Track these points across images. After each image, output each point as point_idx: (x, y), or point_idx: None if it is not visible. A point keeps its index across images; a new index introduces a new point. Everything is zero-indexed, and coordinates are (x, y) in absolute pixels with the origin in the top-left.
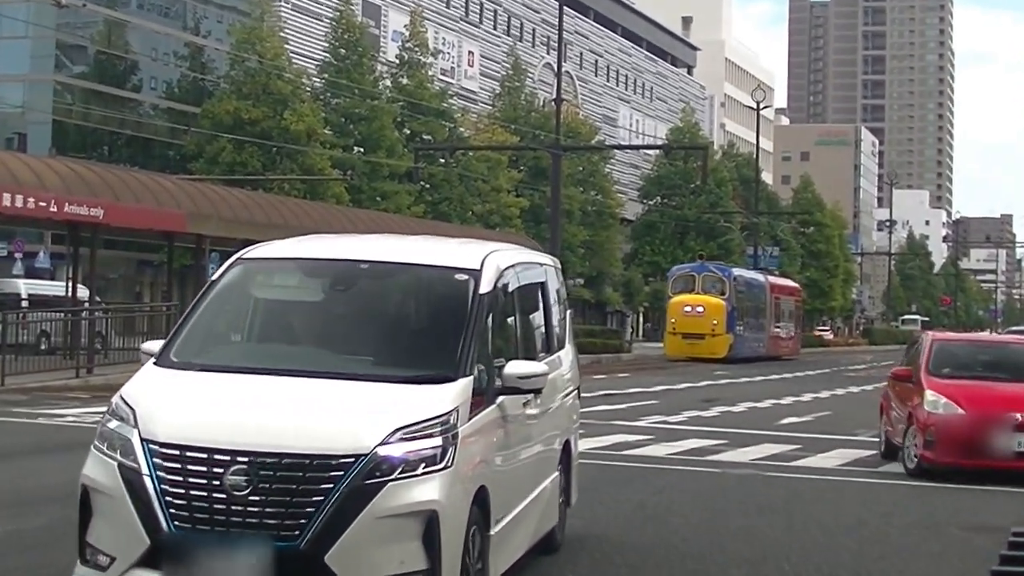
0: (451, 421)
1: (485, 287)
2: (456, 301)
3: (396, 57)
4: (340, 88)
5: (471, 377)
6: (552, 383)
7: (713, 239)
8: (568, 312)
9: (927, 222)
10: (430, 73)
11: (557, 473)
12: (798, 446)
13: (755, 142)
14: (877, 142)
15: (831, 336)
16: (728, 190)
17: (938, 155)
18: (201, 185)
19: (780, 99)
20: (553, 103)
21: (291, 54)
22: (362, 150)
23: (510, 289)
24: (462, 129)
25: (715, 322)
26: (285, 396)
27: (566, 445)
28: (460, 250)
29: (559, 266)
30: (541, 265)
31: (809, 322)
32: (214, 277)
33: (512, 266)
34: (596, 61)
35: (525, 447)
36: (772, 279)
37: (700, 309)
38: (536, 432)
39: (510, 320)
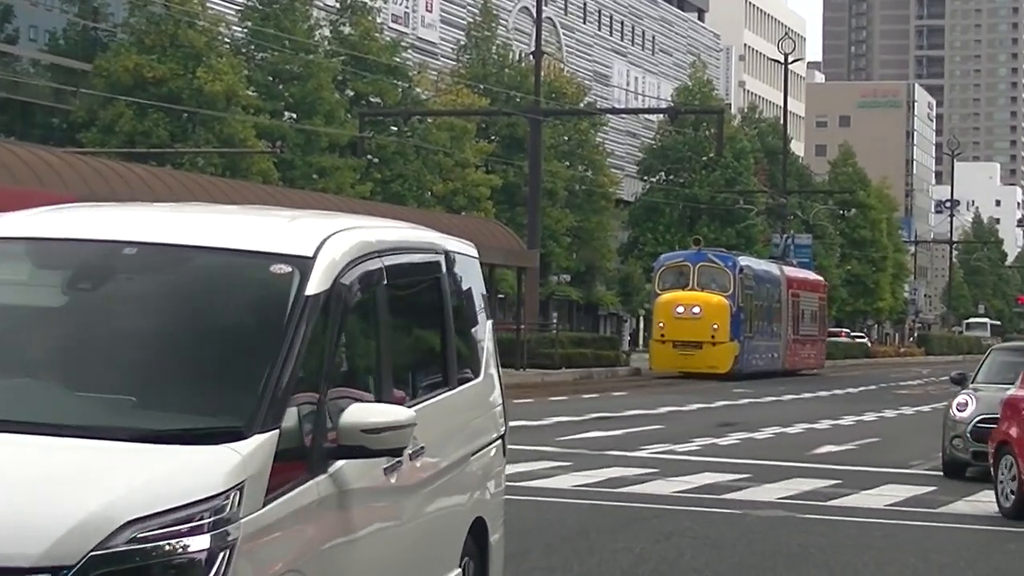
0: (228, 507)
1: (317, 285)
2: (265, 307)
3: (336, 0)
4: (266, 39)
5: (276, 431)
6: (450, 433)
7: (730, 224)
8: (489, 324)
9: (998, 202)
10: (379, 20)
11: (459, 571)
12: (838, 481)
13: (782, 104)
14: (934, 103)
15: (869, 343)
16: (749, 164)
17: (1011, 119)
18: (94, 160)
19: (814, 51)
20: (531, 57)
21: None
22: (294, 116)
23: (370, 288)
24: (419, 90)
25: (716, 326)
26: None
27: (478, 525)
28: (289, 227)
29: (476, 255)
30: (439, 253)
31: (851, 327)
32: None
33: (376, 254)
34: (584, 4)
35: (388, 539)
36: (789, 271)
37: (696, 310)
38: (412, 513)
39: (370, 337)
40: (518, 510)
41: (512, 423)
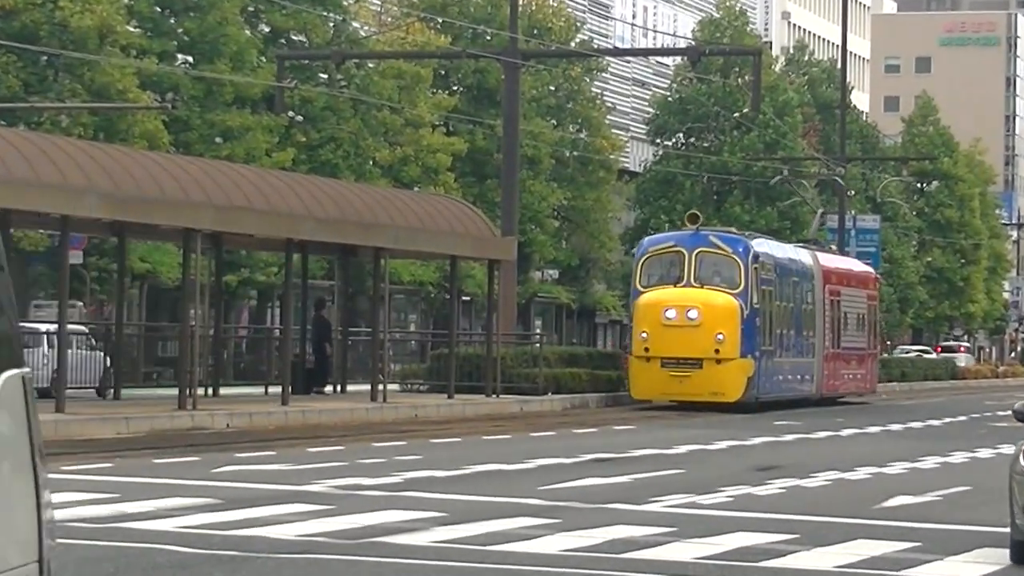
0: None
1: None
2: None
3: None
4: None
5: None
6: None
7: (771, 202)
8: (16, 376)
9: None
10: None
11: None
12: (915, 544)
13: (840, 42)
14: None
15: (962, 356)
16: (796, 122)
17: None
18: None
19: None
20: None
21: None
22: (190, 60)
23: None
24: (356, 25)
25: (721, 336)
26: None
27: None
28: None
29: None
30: None
31: (935, 337)
32: None
33: None
34: None
35: None
36: (826, 259)
37: (693, 314)
38: None
39: None
40: None
41: (482, 467)
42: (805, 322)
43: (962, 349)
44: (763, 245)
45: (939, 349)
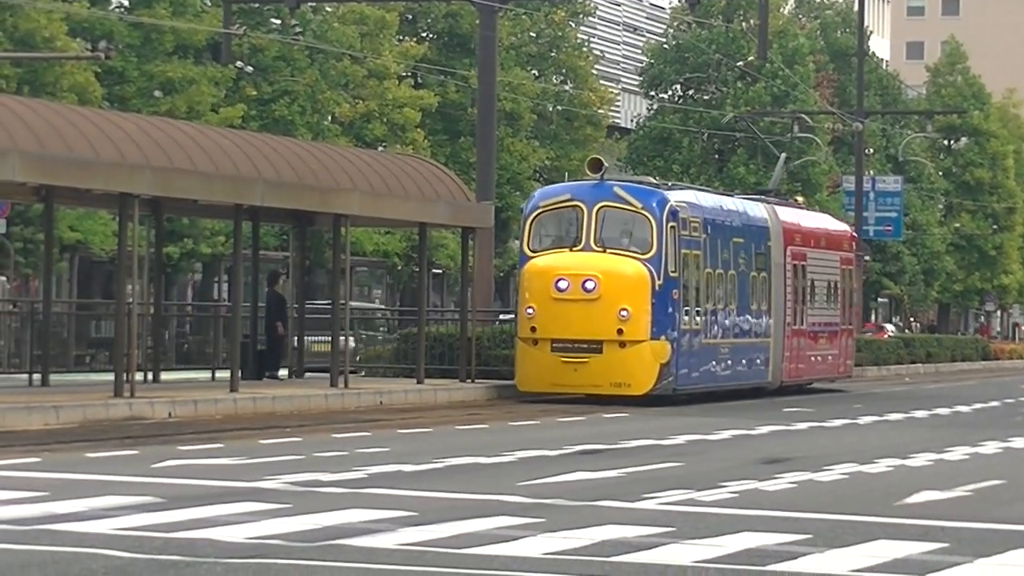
0: None
1: None
2: None
3: None
4: None
5: None
6: None
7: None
8: None
9: None
10: None
11: None
12: (942, 544)
13: None
14: None
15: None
16: (807, 72)
17: None
18: None
19: None
20: None
21: None
22: (125, 3)
23: None
24: None
25: (625, 313)
26: None
27: None
28: None
29: None
30: None
31: (963, 312)
32: None
33: None
34: None
35: None
36: (787, 214)
37: (590, 285)
38: None
39: None
40: None
41: (455, 460)
42: (755, 293)
43: None
44: (688, 197)
45: None
